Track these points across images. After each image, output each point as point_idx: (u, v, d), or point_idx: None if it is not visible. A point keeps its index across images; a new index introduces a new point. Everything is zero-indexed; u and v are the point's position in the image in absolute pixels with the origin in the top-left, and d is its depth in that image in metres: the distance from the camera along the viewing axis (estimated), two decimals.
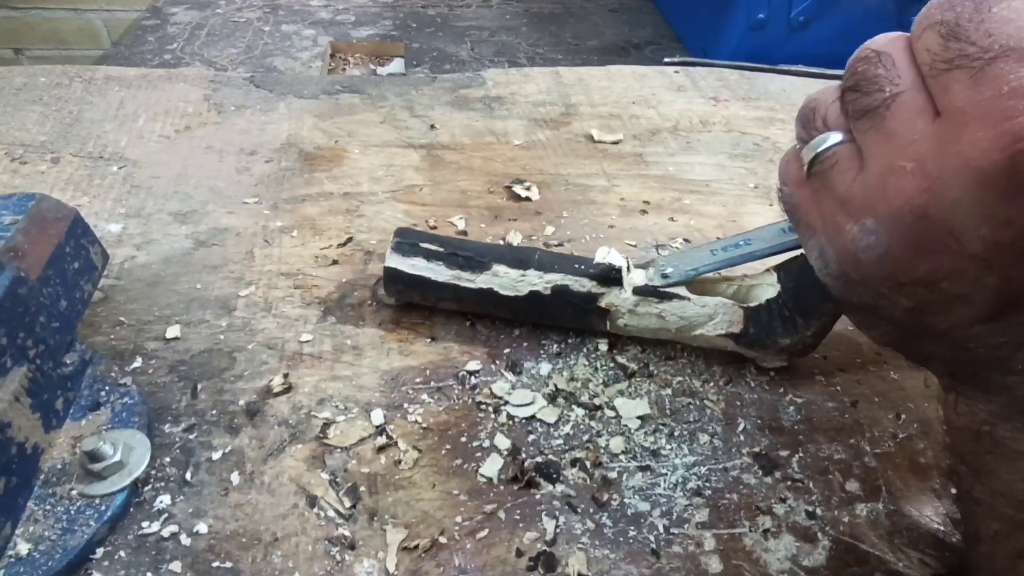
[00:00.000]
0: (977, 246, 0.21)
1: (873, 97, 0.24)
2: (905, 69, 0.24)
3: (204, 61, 0.82)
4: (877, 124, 0.24)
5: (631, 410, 0.38)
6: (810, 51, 0.84)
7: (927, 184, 0.22)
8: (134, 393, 0.35)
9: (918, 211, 0.22)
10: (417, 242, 0.40)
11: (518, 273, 0.39)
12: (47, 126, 0.59)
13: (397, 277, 0.40)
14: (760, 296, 0.38)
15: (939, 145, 0.22)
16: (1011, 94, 0.20)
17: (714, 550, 0.32)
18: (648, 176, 0.59)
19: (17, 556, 0.28)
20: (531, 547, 0.31)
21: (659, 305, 0.38)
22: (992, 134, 0.20)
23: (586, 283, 0.39)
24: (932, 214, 0.22)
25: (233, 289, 0.44)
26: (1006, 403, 0.25)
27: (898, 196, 0.23)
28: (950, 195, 0.21)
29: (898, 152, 0.23)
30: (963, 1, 0.22)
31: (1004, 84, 0.20)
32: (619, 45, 0.96)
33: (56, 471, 0.32)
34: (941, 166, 0.22)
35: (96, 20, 1.43)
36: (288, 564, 0.30)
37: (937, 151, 0.22)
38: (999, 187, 0.20)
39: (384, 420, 0.37)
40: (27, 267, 0.32)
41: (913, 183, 0.22)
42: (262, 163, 0.57)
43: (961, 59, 0.21)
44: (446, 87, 0.72)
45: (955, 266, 0.22)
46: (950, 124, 0.22)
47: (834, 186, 0.26)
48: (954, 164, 0.21)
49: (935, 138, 0.22)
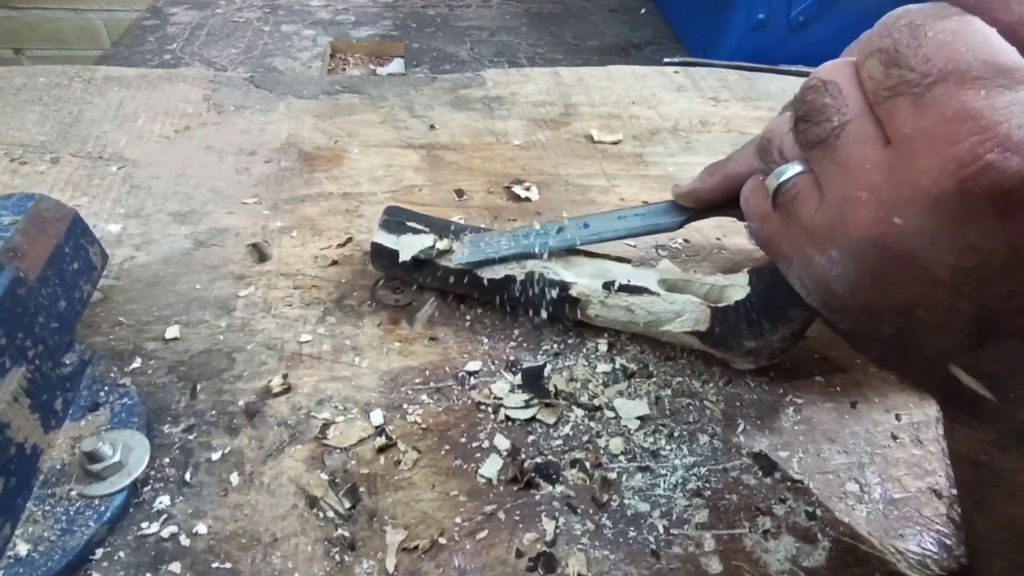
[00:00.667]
0: (944, 273, 0.21)
1: (822, 127, 0.24)
2: (852, 97, 0.23)
3: (204, 61, 0.82)
4: (829, 154, 0.24)
5: (631, 411, 0.38)
6: (810, 51, 0.84)
7: (883, 214, 0.22)
8: (133, 393, 0.35)
9: (878, 241, 0.22)
10: (404, 220, 0.42)
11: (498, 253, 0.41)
12: (47, 126, 0.59)
13: (382, 252, 0.42)
14: (731, 297, 0.38)
15: (890, 173, 0.22)
16: (953, 118, 0.20)
17: (714, 551, 0.32)
18: (648, 176, 0.59)
19: (16, 557, 0.28)
20: (531, 548, 0.31)
21: (628, 298, 0.39)
22: (939, 160, 0.20)
23: (560, 272, 0.40)
24: (892, 244, 0.22)
25: (232, 289, 0.44)
26: (1002, 432, 0.24)
27: (856, 228, 0.22)
28: (908, 224, 0.21)
29: (852, 182, 0.23)
30: (900, 27, 0.22)
31: (946, 109, 0.20)
32: (619, 45, 0.96)
33: (55, 472, 0.32)
34: (895, 195, 0.21)
35: (96, 20, 1.43)
36: (288, 565, 0.30)
37: (889, 180, 0.22)
38: (954, 214, 0.20)
39: (384, 421, 0.37)
40: (26, 267, 0.32)
41: (869, 213, 0.22)
42: (262, 163, 0.57)
43: (903, 85, 0.21)
44: (446, 87, 0.72)
45: (926, 294, 0.22)
46: (899, 151, 0.21)
47: (799, 217, 0.26)
48: (907, 192, 0.21)
49: (886, 166, 0.22)
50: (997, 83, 0.20)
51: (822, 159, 0.24)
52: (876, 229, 0.22)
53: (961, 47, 0.21)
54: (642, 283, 0.39)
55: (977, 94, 0.20)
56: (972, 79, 0.20)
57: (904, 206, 0.21)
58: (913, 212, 0.21)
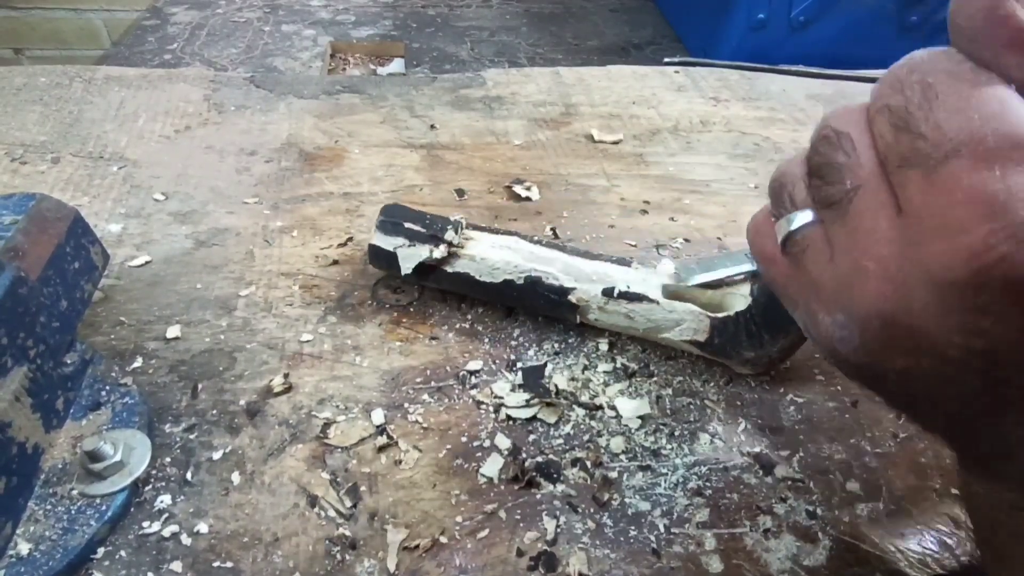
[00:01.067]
0: (952, 352, 0.20)
1: (836, 188, 0.23)
2: (866, 155, 0.22)
3: (204, 61, 0.82)
4: (841, 217, 0.23)
5: (632, 410, 0.38)
6: (811, 51, 0.84)
7: (891, 289, 0.21)
8: (134, 393, 0.35)
9: (886, 316, 0.21)
10: (401, 221, 0.41)
11: (494, 261, 0.40)
12: (47, 126, 0.59)
13: (380, 255, 0.42)
14: (732, 306, 0.38)
15: (901, 249, 0.20)
16: (965, 201, 0.18)
17: (715, 550, 0.32)
18: (648, 176, 0.59)
19: (18, 556, 0.28)
20: (532, 547, 0.31)
21: (628, 305, 0.39)
22: (949, 247, 0.19)
23: (560, 276, 0.39)
24: (900, 319, 0.21)
25: (233, 289, 0.44)
26: (1020, 493, 0.23)
27: (863, 299, 0.22)
28: (916, 302, 0.20)
29: (862, 251, 0.22)
30: (912, 83, 0.20)
31: (958, 190, 0.19)
32: (619, 45, 0.96)
33: (57, 471, 0.32)
34: (905, 272, 0.20)
35: (96, 20, 1.43)
36: (289, 564, 0.30)
37: (899, 255, 0.21)
38: (964, 301, 0.19)
39: (385, 420, 0.37)
40: (27, 267, 0.32)
41: (878, 287, 0.21)
42: (262, 163, 0.57)
43: (914, 155, 0.20)
44: (446, 87, 0.72)
45: (934, 366, 0.21)
46: (909, 226, 0.20)
47: (807, 270, 0.24)
48: (917, 272, 0.20)
49: (897, 240, 0.21)
50: (1015, 159, 0.18)
51: (834, 220, 0.23)
52: (883, 305, 0.21)
53: (976, 115, 0.19)
54: (642, 289, 0.39)
55: (992, 173, 0.18)
56: (988, 155, 0.18)
57: (913, 286, 0.20)
58: (921, 293, 0.20)
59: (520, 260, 0.40)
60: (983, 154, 0.18)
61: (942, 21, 0.85)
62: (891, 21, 0.85)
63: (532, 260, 0.40)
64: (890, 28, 0.85)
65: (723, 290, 0.39)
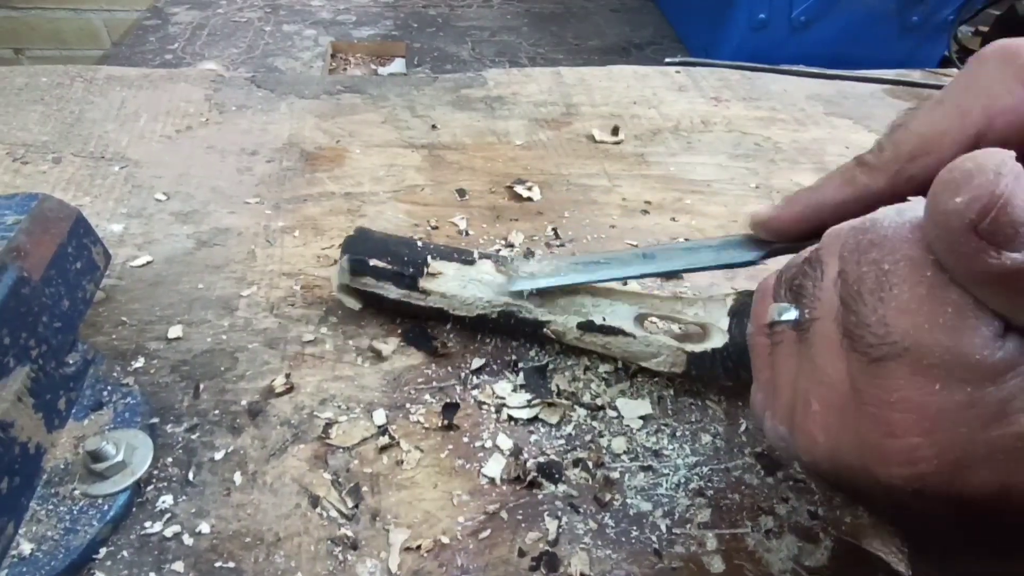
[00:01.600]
0: (877, 498, 0.20)
1: (800, 311, 0.23)
2: (828, 292, 0.21)
3: (205, 61, 0.82)
4: (802, 340, 0.22)
5: (633, 410, 0.38)
6: (811, 51, 0.84)
7: (827, 439, 0.21)
8: (136, 393, 0.35)
9: (821, 459, 0.21)
10: (365, 259, 0.39)
11: (465, 297, 0.39)
12: (48, 126, 0.59)
13: (352, 291, 0.41)
14: (710, 340, 0.37)
15: (844, 404, 0.20)
16: (899, 406, 0.18)
17: (716, 550, 0.32)
18: (649, 176, 0.59)
19: (20, 556, 0.29)
20: (533, 547, 0.31)
21: (604, 338, 0.38)
22: (875, 441, 0.19)
23: (533, 310, 0.38)
24: (829, 468, 0.21)
25: (235, 289, 0.44)
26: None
27: (803, 436, 0.22)
28: (848, 463, 0.20)
29: (812, 386, 0.21)
30: (870, 259, 0.19)
31: (894, 391, 0.18)
32: (620, 45, 0.96)
33: (59, 471, 0.32)
34: (838, 430, 0.20)
35: (96, 20, 1.43)
36: (291, 564, 0.30)
37: (841, 411, 0.20)
38: (892, 491, 0.19)
39: (386, 420, 0.37)
40: (30, 267, 0.32)
41: (817, 430, 0.21)
42: (263, 163, 0.57)
43: (858, 339, 0.19)
44: (447, 87, 0.72)
45: (867, 501, 0.21)
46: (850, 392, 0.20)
47: (776, 361, 0.24)
48: (851, 438, 0.20)
49: (841, 393, 0.20)
50: (957, 377, 0.17)
51: (797, 340, 0.23)
52: (819, 451, 0.21)
53: (926, 324, 0.18)
54: (618, 322, 0.38)
55: (931, 387, 0.18)
56: (930, 368, 0.18)
57: (846, 448, 0.20)
58: (852, 459, 0.20)
59: (491, 294, 0.39)
60: (926, 367, 0.18)
61: (942, 21, 0.85)
62: (891, 21, 0.85)
63: (504, 293, 0.39)
64: (890, 28, 0.85)
65: (702, 317, 0.37)
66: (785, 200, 0.31)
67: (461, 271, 0.39)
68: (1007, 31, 0.94)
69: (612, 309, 0.38)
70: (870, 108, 0.74)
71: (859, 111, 0.73)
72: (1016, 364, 0.17)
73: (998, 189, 0.16)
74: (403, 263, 0.39)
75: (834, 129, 0.69)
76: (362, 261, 0.39)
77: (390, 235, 0.42)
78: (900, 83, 0.79)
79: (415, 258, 0.39)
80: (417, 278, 0.39)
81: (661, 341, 0.37)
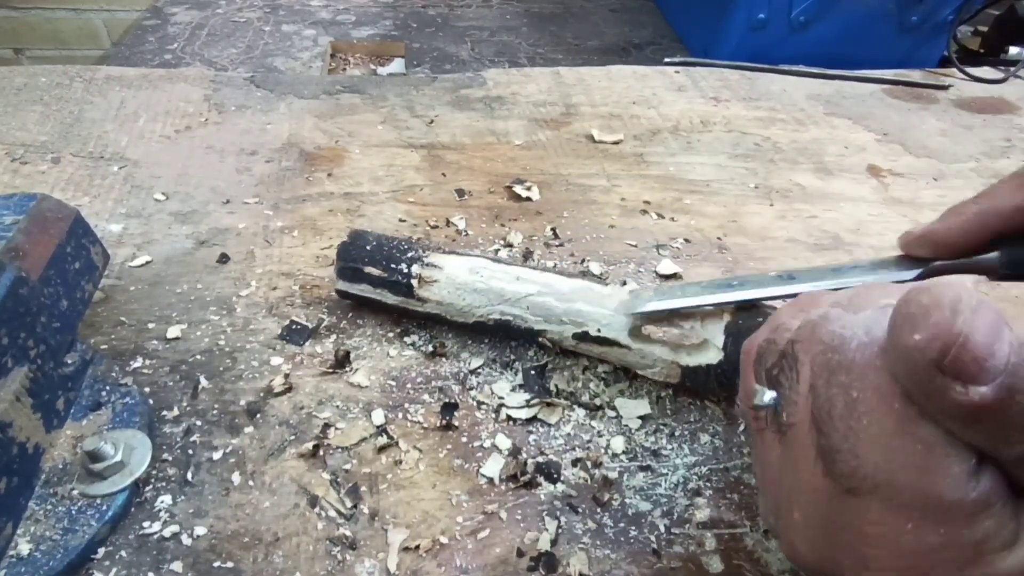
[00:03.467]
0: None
1: (777, 402, 0.22)
2: (805, 396, 0.21)
3: (205, 61, 0.82)
4: (783, 438, 0.22)
5: (632, 410, 0.38)
6: (811, 51, 0.84)
7: (809, 553, 0.21)
8: (135, 393, 0.35)
9: (804, 565, 0.21)
10: (360, 267, 0.39)
11: (461, 306, 0.39)
12: (48, 126, 0.59)
13: (349, 295, 0.41)
14: (704, 356, 0.36)
15: (821, 522, 0.20)
16: (870, 541, 0.18)
17: (715, 550, 0.32)
18: (649, 176, 0.59)
19: (19, 556, 0.28)
20: (532, 547, 0.31)
21: (600, 348, 0.38)
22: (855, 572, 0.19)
23: (528, 318, 0.38)
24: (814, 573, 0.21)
25: (234, 289, 0.44)
26: None
27: (787, 543, 0.22)
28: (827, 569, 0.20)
29: (794, 493, 0.21)
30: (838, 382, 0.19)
31: (866, 525, 0.18)
32: (620, 45, 0.95)
33: (57, 471, 0.32)
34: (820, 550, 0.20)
35: (96, 20, 1.43)
36: (289, 564, 0.30)
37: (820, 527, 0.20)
38: None
39: (385, 420, 0.37)
40: (28, 267, 0.32)
41: (799, 542, 0.21)
42: (263, 163, 0.57)
43: (832, 459, 0.19)
44: (447, 87, 0.72)
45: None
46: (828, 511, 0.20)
47: (764, 446, 0.24)
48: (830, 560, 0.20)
49: (820, 509, 0.20)
50: (931, 519, 0.17)
51: (781, 434, 0.23)
52: (799, 558, 0.21)
53: (896, 464, 0.18)
54: (613, 334, 0.37)
55: (904, 525, 0.18)
56: (902, 507, 0.18)
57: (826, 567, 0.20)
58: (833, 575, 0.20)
59: (486, 302, 0.38)
60: (898, 506, 0.18)
61: (941, 21, 0.85)
62: (891, 21, 0.85)
63: (499, 301, 0.38)
64: (890, 28, 0.85)
65: (698, 332, 0.36)
66: (945, 213, 0.30)
67: (459, 279, 0.39)
68: (1007, 31, 0.94)
69: (608, 321, 0.37)
70: (869, 108, 0.74)
71: (858, 111, 0.73)
72: (990, 504, 0.17)
73: (955, 327, 0.16)
74: (398, 271, 0.39)
75: (833, 129, 0.69)
76: (356, 270, 0.40)
77: (386, 238, 0.41)
78: (899, 83, 0.79)
79: (409, 258, 0.39)
80: (412, 287, 0.39)
81: (656, 354, 0.37)
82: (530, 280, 0.38)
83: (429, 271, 0.39)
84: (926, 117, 0.73)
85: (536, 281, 0.38)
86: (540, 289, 0.38)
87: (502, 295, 0.38)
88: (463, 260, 0.39)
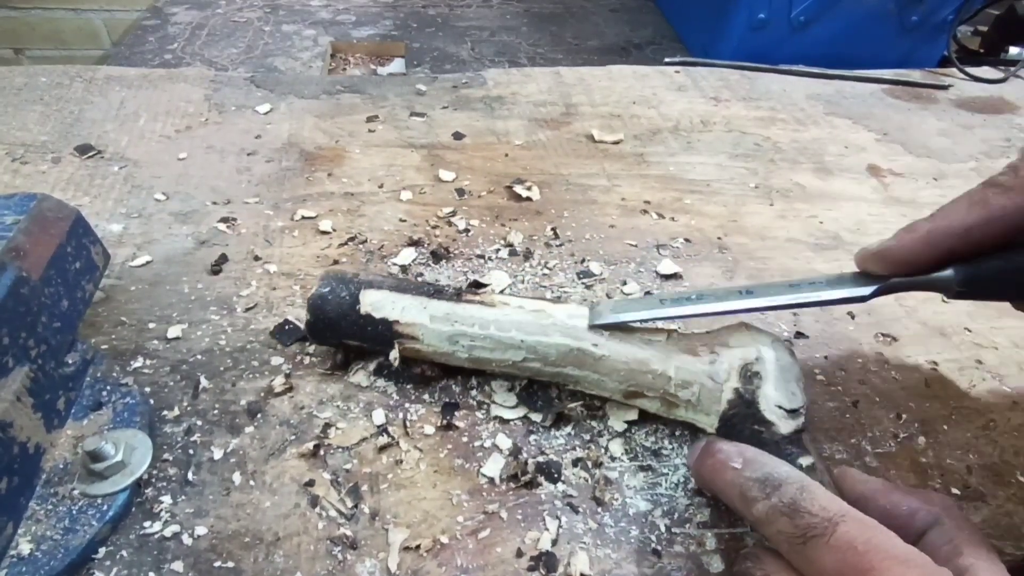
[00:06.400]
0: None
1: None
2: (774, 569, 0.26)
3: (204, 61, 0.82)
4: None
5: (620, 416, 0.37)
6: (811, 51, 0.84)
7: None
8: (136, 393, 0.35)
9: None
10: (334, 340, 0.38)
11: (449, 350, 0.36)
12: (48, 126, 0.59)
13: None
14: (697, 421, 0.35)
15: None
16: (865, 550, 0.23)
17: (716, 549, 0.32)
18: (649, 176, 0.59)
19: (19, 556, 0.28)
20: (533, 547, 0.31)
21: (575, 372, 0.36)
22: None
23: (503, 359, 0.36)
24: None
25: (234, 289, 0.44)
26: None
27: None
28: None
29: None
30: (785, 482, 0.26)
31: (858, 541, 0.23)
32: (620, 45, 0.96)
33: (58, 471, 0.32)
34: None
35: (96, 20, 1.43)
36: (290, 564, 0.30)
37: None
38: None
39: (385, 420, 0.37)
40: (29, 267, 0.32)
41: None
42: (263, 163, 0.57)
43: (810, 527, 0.24)
44: (447, 87, 0.72)
45: None
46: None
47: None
48: None
49: None
50: None
51: None
52: None
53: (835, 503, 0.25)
54: (607, 394, 0.36)
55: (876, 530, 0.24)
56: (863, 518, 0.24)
57: None
58: None
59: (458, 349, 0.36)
60: (860, 517, 0.24)
61: (941, 21, 0.85)
62: (891, 21, 0.85)
63: (472, 348, 0.36)
64: (890, 28, 0.85)
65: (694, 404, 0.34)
66: (901, 230, 0.30)
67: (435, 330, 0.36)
68: (1007, 31, 0.94)
69: (600, 385, 0.36)
70: (869, 108, 0.74)
71: (859, 111, 0.73)
72: None
73: None
74: (372, 337, 0.37)
75: (834, 129, 0.69)
76: (328, 341, 0.38)
77: (356, 289, 0.37)
78: (899, 83, 0.79)
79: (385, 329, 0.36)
80: (391, 346, 0.37)
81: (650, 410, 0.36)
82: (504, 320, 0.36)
83: (406, 344, 0.37)
84: (926, 117, 0.73)
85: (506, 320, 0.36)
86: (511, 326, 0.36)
87: (475, 342, 0.36)
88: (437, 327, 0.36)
